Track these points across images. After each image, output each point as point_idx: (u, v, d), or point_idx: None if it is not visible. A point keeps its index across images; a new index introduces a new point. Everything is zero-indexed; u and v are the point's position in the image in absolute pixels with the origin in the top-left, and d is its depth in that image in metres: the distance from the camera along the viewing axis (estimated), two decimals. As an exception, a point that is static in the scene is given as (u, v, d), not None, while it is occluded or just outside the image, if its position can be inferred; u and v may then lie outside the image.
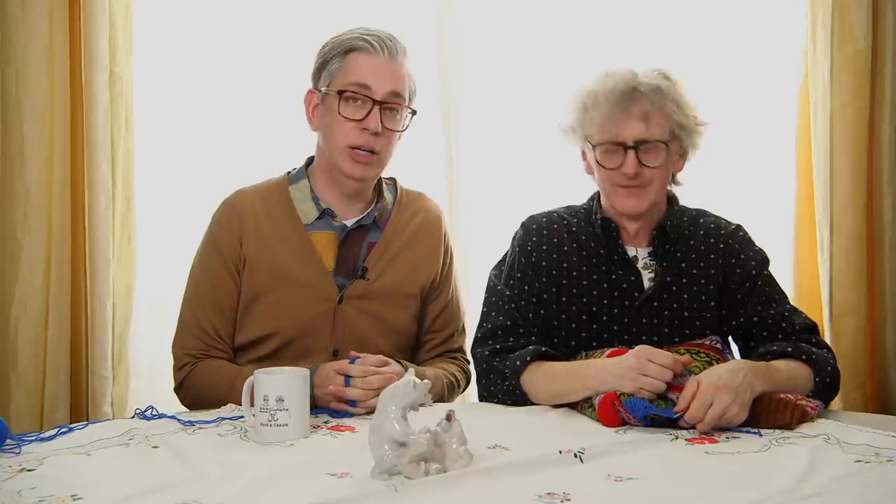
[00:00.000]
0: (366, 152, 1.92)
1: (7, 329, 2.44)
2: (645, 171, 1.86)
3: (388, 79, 1.91)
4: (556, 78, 2.67)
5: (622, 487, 1.32)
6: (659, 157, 1.86)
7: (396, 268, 2.00)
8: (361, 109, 1.91)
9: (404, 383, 1.36)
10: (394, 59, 1.93)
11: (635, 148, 1.85)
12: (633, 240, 1.95)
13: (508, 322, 1.90)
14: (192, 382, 1.95)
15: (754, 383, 1.63)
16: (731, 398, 1.58)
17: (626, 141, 1.85)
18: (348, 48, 1.92)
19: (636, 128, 1.85)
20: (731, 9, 2.70)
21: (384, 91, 1.90)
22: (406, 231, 2.05)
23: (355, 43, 1.92)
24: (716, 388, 1.59)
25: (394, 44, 1.93)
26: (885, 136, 2.56)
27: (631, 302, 1.90)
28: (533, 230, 1.98)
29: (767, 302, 1.91)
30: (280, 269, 1.95)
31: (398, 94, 1.92)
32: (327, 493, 1.28)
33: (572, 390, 1.75)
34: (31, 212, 2.44)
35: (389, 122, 1.92)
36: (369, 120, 1.90)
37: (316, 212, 2.00)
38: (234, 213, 2.00)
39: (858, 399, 2.57)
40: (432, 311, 2.07)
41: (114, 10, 2.51)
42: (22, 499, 1.26)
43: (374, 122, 1.90)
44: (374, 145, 1.92)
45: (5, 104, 2.43)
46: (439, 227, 2.11)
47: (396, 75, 1.92)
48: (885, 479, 1.32)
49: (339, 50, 1.93)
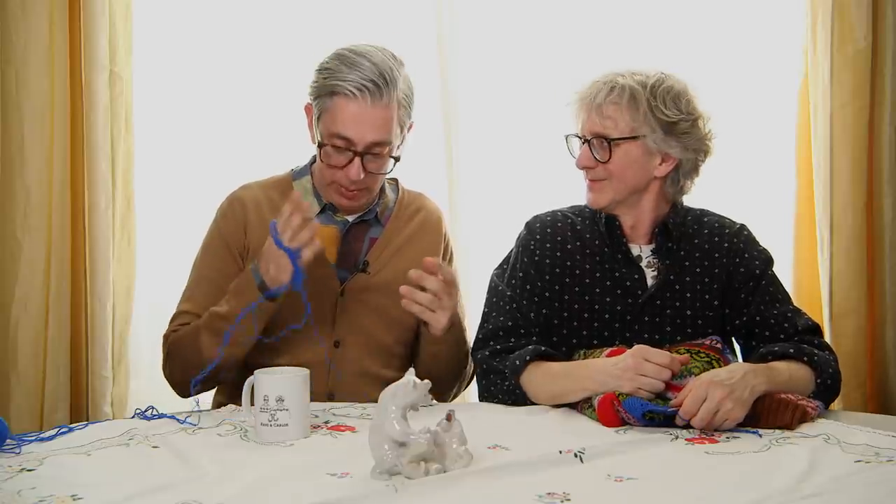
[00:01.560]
0: (350, 191, 1.94)
1: (7, 329, 2.45)
2: (599, 166, 1.89)
3: (369, 128, 1.87)
4: (556, 78, 2.67)
5: (622, 487, 1.32)
6: (606, 152, 1.88)
7: (397, 262, 2.01)
8: (344, 157, 1.90)
9: (404, 383, 1.36)
10: (378, 103, 1.87)
11: (588, 141, 1.89)
12: (637, 238, 1.95)
13: (509, 323, 1.90)
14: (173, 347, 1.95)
15: (755, 383, 1.63)
16: (724, 393, 1.58)
17: (585, 134, 1.90)
18: (333, 91, 1.88)
19: (591, 121, 1.89)
20: (731, 9, 2.70)
21: (365, 142, 1.88)
22: (407, 228, 2.06)
23: (337, 88, 1.87)
24: (709, 384, 1.59)
25: (380, 82, 1.86)
26: (885, 136, 2.56)
27: (634, 300, 1.90)
28: (536, 229, 1.98)
29: (771, 302, 1.91)
30: None
31: (380, 142, 1.89)
32: (327, 493, 1.28)
33: (571, 391, 1.75)
34: (31, 212, 2.44)
35: (373, 167, 1.92)
36: (350, 169, 1.90)
37: (318, 206, 2.02)
38: (239, 205, 2.03)
39: (858, 399, 2.57)
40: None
41: (114, 10, 2.51)
42: (22, 499, 1.26)
43: (354, 172, 1.89)
44: (358, 186, 1.93)
45: (5, 104, 2.43)
46: (439, 226, 2.12)
47: (379, 122, 1.88)
48: (885, 479, 1.32)
49: (326, 90, 1.89)
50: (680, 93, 1.89)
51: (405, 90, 1.93)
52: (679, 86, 1.90)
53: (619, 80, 1.88)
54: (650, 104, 1.86)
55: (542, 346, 1.83)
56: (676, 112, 1.88)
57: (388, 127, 1.89)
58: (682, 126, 1.88)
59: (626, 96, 1.86)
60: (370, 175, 1.92)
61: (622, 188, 1.91)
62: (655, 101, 1.86)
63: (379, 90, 1.86)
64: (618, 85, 1.87)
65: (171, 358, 1.97)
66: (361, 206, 2.02)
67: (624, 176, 1.90)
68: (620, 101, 1.87)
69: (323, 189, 2.01)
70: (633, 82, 1.87)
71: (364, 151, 1.89)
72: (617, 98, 1.87)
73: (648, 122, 1.87)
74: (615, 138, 1.88)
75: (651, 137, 1.88)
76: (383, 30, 2.58)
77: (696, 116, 1.90)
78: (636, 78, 1.88)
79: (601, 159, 1.89)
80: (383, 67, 1.88)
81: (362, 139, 1.88)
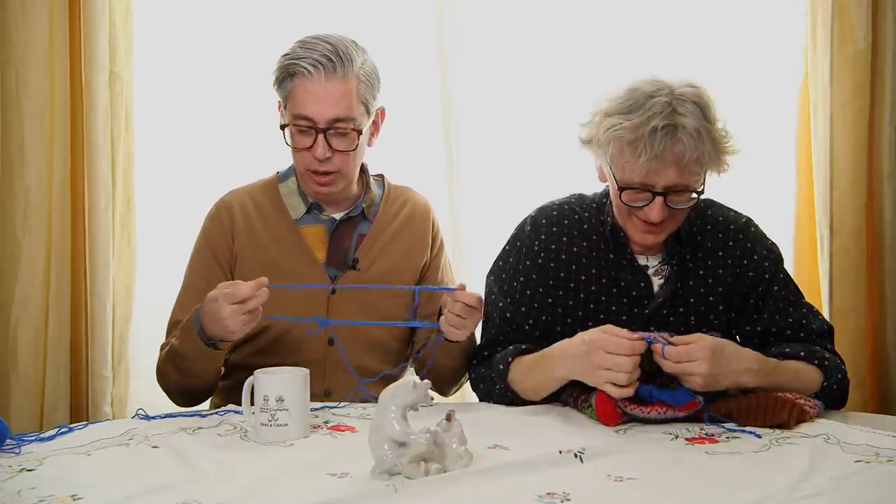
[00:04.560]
0: (323, 174, 1.94)
1: (7, 329, 2.45)
2: (670, 211, 1.75)
3: (327, 105, 1.88)
4: (556, 77, 2.68)
5: (622, 487, 1.32)
6: (688, 199, 1.76)
7: (387, 257, 2.03)
8: (308, 137, 1.91)
9: (404, 383, 1.36)
10: (333, 78, 1.88)
11: (665, 194, 1.73)
12: (645, 250, 1.87)
13: (501, 336, 1.88)
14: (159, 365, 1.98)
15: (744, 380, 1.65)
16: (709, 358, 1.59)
17: (656, 187, 1.72)
18: (291, 72, 1.90)
19: (669, 175, 1.71)
20: (731, 9, 2.70)
21: (326, 119, 1.89)
22: (395, 222, 2.07)
23: (293, 68, 1.90)
24: (712, 345, 1.61)
25: (334, 57, 1.88)
26: (885, 136, 2.56)
27: (640, 310, 1.85)
28: (542, 226, 1.91)
29: (784, 308, 1.86)
30: (272, 263, 1.98)
31: (342, 118, 1.90)
32: (327, 493, 1.28)
33: (546, 380, 1.74)
34: (31, 212, 2.44)
35: (339, 145, 1.92)
36: (315, 149, 1.91)
37: (304, 206, 2.03)
38: (226, 211, 2.04)
39: (858, 399, 2.57)
40: (422, 296, 2.08)
41: (114, 10, 2.51)
42: (22, 499, 1.26)
43: (319, 151, 1.90)
44: (329, 167, 1.93)
45: (5, 104, 2.43)
46: (427, 216, 2.12)
47: (338, 98, 1.89)
48: (885, 479, 1.32)
49: (285, 73, 1.92)
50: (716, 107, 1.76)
51: (366, 70, 1.93)
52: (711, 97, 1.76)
53: (687, 123, 1.68)
54: (715, 145, 1.72)
55: (522, 345, 1.82)
56: (727, 142, 1.76)
57: (348, 101, 1.90)
58: (726, 155, 1.77)
59: (705, 144, 1.69)
60: (338, 154, 1.92)
61: (681, 222, 1.82)
62: (719, 141, 1.74)
63: (333, 65, 1.88)
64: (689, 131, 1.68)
65: (159, 374, 2.00)
66: (343, 193, 2.02)
67: (685, 215, 1.81)
68: (702, 152, 1.70)
69: (302, 183, 2.02)
70: (699, 124, 1.69)
71: (326, 128, 1.90)
72: (700, 148, 1.69)
73: (713, 164, 1.75)
74: (697, 190, 1.74)
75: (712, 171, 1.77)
76: (383, 30, 2.58)
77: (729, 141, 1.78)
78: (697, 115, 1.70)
79: (681, 206, 1.76)
80: (339, 46, 1.90)
81: (323, 116, 1.89)
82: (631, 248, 1.87)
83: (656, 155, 1.68)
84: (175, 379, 1.91)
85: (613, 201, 1.84)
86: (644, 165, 1.70)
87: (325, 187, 1.97)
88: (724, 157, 1.76)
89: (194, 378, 1.89)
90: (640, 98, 1.72)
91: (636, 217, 1.79)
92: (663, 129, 1.67)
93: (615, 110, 1.74)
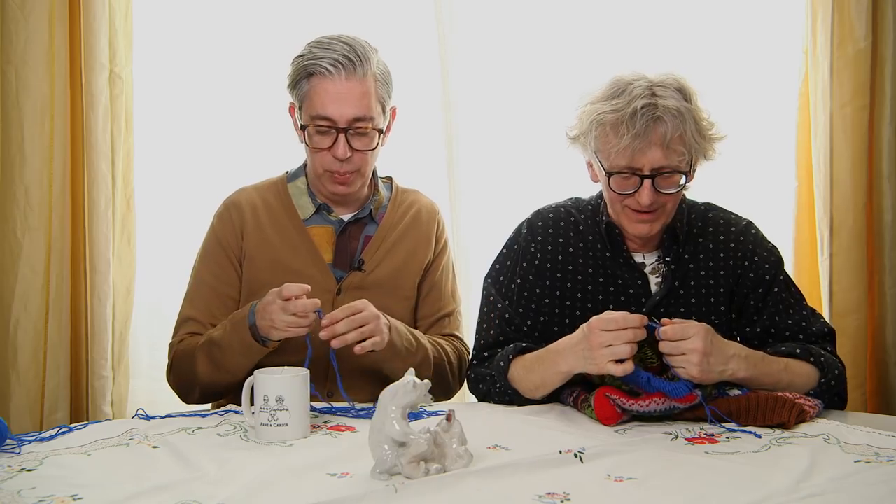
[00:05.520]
0: (343, 174, 1.95)
1: (7, 329, 2.45)
2: (660, 197, 1.77)
3: (348, 105, 1.90)
4: (556, 77, 2.68)
5: (622, 487, 1.32)
6: (676, 183, 1.77)
7: (392, 259, 2.03)
8: (328, 137, 1.92)
9: (404, 383, 1.36)
10: (353, 78, 1.90)
11: (652, 177, 1.75)
12: (641, 245, 1.89)
13: (501, 338, 1.89)
14: (176, 360, 1.97)
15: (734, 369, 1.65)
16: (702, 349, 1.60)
17: (643, 169, 1.75)
18: (309, 73, 1.91)
19: (654, 155, 1.73)
20: (731, 9, 2.70)
21: (346, 118, 1.90)
22: (401, 224, 2.07)
23: (312, 69, 1.91)
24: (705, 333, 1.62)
25: (353, 56, 1.90)
26: (885, 136, 2.56)
27: (638, 308, 1.85)
28: (538, 228, 1.93)
29: (784, 311, 1.86)
30: (279, 263, 1.98)
31: (362, 117, 1.91)
32: (327, 493, 1.28)
33: (549, 376, 1.74)
34: (31, 212, 2.44)
35: (359, 144, 1.93)
36: (336, 149, 1.92)
37: (313, 207, 2.04)
38: (235, 210, 2.04)
39: (858, 399, 2.57)
40: (422, 292, 2.09)
41: (114, 10, 2.51)
42: (22, 499, 1.26)
43: (340, 150, 1.91)
44: (349, 167, 1.94)
45: (5, 104, 2.43)
46: (433, 217, 2.13)
47: (358, 97, 1.90)
48: (885, 479, 1.32)
49: (302, 74, 1.93)
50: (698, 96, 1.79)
51: (381, 69, 1.95)
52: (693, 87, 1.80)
53: (667, 104, 1.71)
54: (698, 126, 1.75)
55: (522, 343, 1.82)
56: (710, 126, 1.79)
57: (367, 101, 1.91)
58: (711, 139, 1.80)
59: (687, 123, 1.72)
60: (358, 154, 1.93)
61: (674, 211, 1.84)
62: (702, 121, 1.76)
63: (353, 65, 1.89)
64: (670, 111, 1.71)
65: (174, 368, 1.99)
66: (356, 194, 2.02)
67: (678, 199, 1.83)
68: (683, 130, 1.72)
69: (317, 184, 2.02)
70: (679, 104, 1.72)
71: (347, 128, 1.91)
72: (681, 127, 1.72)
73: (699, 144, 1.77)
74: (684, 170, 1.75)
75: (700, 156, 1.79)
76: (383, 30, 2.58)
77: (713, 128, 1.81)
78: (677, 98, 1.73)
79: (670, 191, 1.77)
80: (355, 45, 1.92)
81: (343, 116, 1.90)
82: (627, 246, 1.88)
83: (638, 133, 1.71)
84: (205, 371, 1.89)
85: (605, 194, 1.86)
86: (628, 146, 1.72)
87: (343, 186, 1.97)
88: (709, 140, 1.79)
89: (226, 373, 1.88)
90: (621, 84, 1.77)
91: (628, 208, 1.81)
92: (644, 109, 1.71)
93: (597, 98, 1.79)
